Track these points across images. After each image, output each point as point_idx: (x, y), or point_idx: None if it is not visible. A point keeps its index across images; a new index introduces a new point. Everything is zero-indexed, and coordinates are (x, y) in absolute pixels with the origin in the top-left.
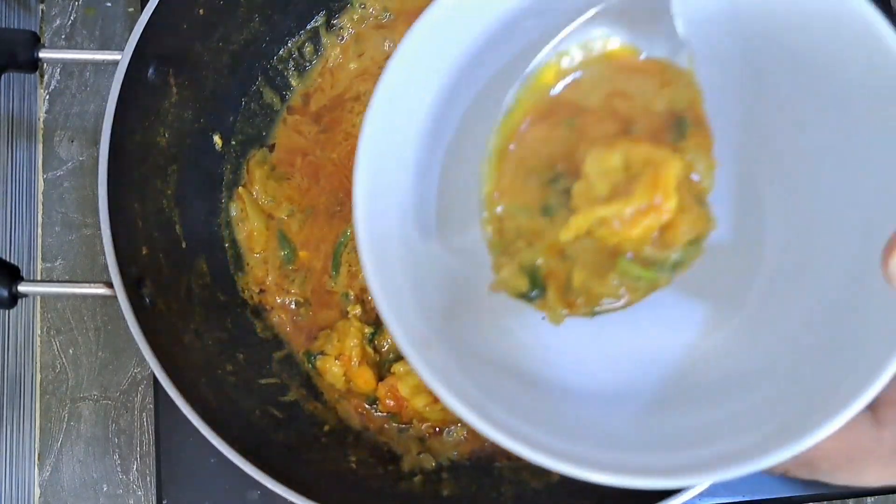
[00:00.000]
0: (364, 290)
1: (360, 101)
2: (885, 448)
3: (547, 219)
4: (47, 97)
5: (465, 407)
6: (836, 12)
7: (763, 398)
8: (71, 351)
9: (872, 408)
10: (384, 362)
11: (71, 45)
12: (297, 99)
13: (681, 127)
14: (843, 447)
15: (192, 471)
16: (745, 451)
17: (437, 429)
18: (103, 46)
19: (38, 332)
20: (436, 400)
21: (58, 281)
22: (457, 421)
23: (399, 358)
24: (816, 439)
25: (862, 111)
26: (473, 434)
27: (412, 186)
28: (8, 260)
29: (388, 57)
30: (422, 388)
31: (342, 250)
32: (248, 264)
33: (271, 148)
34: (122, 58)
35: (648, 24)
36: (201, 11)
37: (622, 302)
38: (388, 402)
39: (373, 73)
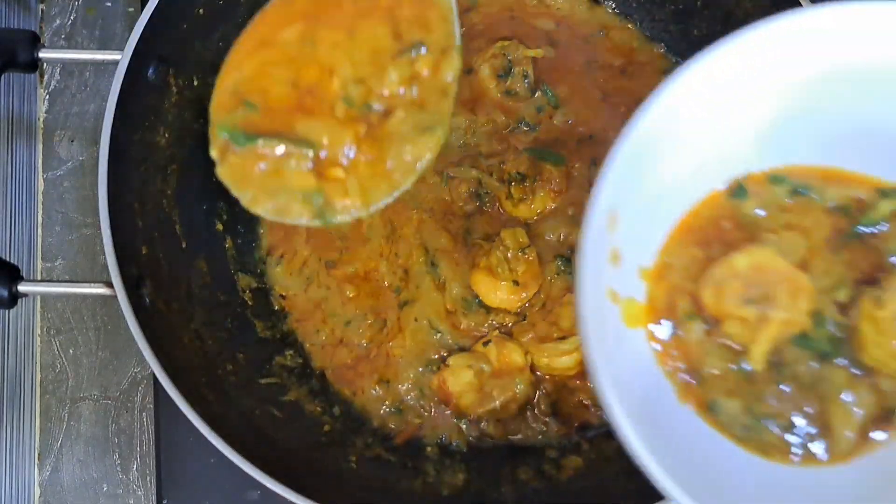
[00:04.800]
0: None
1: None
2: None
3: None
4: (47, 97)
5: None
6: None
7: None
8: (71, 351)
9: None
10: None
11: (71, 45)
12: None
13: None
14: None
15: (192, 471)
16: None
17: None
18: (103, 46)
19: (38, 332)
20: (482, 403)
21: (58, 281)
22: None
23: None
24: None
25: None
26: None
27: None
28: (8, 260)
29: None
30: (471, 388)
31: None
32: None
33: None
34: (122, 58)
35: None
36: (201, 11)
37: None
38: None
39: None
